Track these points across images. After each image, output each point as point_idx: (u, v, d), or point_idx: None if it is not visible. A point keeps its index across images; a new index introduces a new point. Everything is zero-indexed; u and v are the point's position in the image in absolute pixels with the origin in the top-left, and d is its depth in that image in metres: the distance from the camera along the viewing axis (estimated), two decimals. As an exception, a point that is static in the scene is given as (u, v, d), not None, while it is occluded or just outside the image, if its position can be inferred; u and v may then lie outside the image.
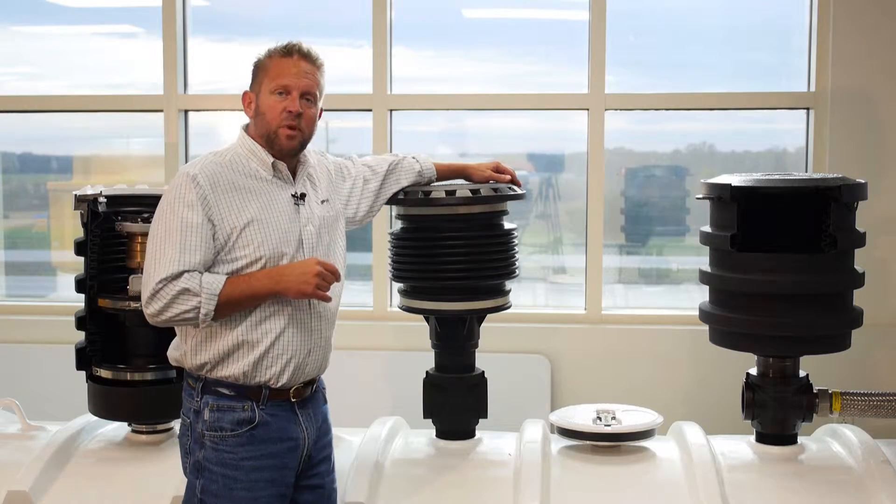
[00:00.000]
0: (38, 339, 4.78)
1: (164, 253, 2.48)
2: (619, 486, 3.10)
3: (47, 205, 5.40)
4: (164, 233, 2.51)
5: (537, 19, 4.99)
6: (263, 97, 2.63)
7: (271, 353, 2.59)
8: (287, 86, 2.61)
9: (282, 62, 2.62)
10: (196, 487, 2.59)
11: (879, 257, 3.90)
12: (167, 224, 2.52)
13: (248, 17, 5.13)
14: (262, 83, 2.64)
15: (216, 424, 2.57)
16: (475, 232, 3.16)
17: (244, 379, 2.58)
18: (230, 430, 2.56)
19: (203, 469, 2.58)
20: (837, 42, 4.46)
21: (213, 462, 2.56)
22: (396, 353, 4.58)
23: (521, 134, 5.14)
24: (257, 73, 2.67)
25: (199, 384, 2.60)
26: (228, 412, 2.57)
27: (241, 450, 2.56)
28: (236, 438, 2.56)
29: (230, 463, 2.55)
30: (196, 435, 2.59)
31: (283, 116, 2.61)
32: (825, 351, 3.24)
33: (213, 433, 2.57)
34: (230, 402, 2.57)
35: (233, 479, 2.56)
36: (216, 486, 2.56)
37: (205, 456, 2.57)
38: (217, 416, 2.57)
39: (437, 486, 3.10)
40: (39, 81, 5.30)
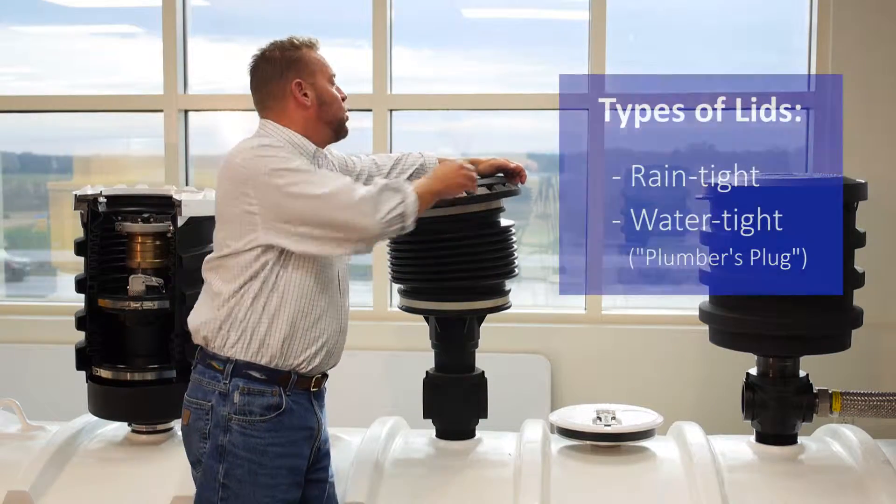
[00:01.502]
0: (38, 339, 4.78)
1: (325, 180, 2.55)
2: (619, 486, 3.10)
3: (47, 205, 5.40)
4: (304, 176, 2.54)
5: (537, 19, 4.99)
6: (323, 87, 2.73)
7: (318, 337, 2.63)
8: (335, 76, 2.78)
9: (318, 55, 2.76)
10: (218, 472, 2.56)
11: (879, 257, 3.90)
12: (298, 176, 2.53)
13: (248, 17, 5.13)
14: (314, 73, 2.72)
15: (246, 408, 2.55)
16: (472, 231, 3.16)
17: (277, 361, 2.58)
18: (259, 414, 2.56)
19: (227, 453, 2.56)
20: (837, 42, 4.46)
21: (240, 447, 2.55)
22: (396, 353, 4.58)
23: (521, 134, 5.14)
24: (300, 63, 2.71)
25: (229, 366, 2.58)
26: (258, 396, 2.56)
27: (267, 435, 2.56)
28: (265, 423, 2.56)
29: (257, 448, 2.55)
30: (219, 418, 2.56)
31: (343, 105, 2.78)
32: (825, 351, 3.24)
33: (241, 417, 2.55)
34: (261, 387, 2.57)
35: (258, 465, 2.56)
36: (241, 470, 2.55)
37: (230, 440, 2.55)
38: (247, 400, 2.56)
39: (437, 486, 3.10)
40: (39, 81, 5.30)
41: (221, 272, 2.60)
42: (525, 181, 3.12)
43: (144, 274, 3.30)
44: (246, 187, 2.53)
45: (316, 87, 2.72)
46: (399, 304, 3.37)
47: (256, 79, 2.74)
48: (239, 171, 2.55)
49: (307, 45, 2.74)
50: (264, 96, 2.73)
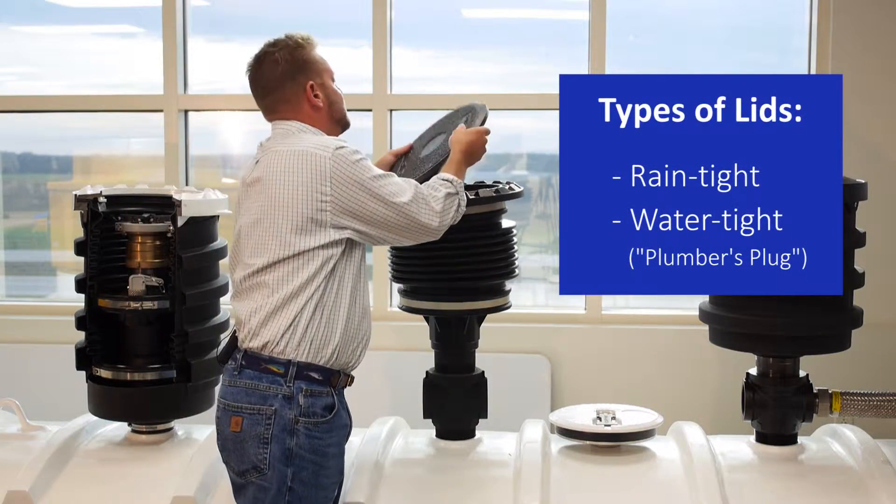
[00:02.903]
0: (38, 339, 4.78)
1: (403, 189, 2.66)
2: (619, 486, 3.10)
3: (47, 205, 5.40)
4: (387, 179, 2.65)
5: (537, 19, 4.99)
6: (329, 87, 2.78)
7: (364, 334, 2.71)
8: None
9: (320, 54, 2.80)
10: (287, 476, 2.54)
11: (879, 257, 3.90)
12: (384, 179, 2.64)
13: (248, 17, 5.13)
14: (321, 73, 2.77)
15: (310, 410, 2.56)
16: (474, 232, 3.16)
17: (334, 361, 2.62)
18: (321, 415, 2.58)
19: (295, 456, 2.54)
20: (837, 42, 4.46)
21: (306, 449, 2.55)
22: (396, 353, 4.59)
23: (521, 134, 5.14)
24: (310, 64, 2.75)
25: (292, 369, 2.57)
26: (319, 397, 2.59)
27: (326, 436, 2.59)
28: (326, 424, 2.59)
29: (320, 450, 2.58)
30: (285, 422, 2.54)
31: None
32: (825, 351, 3.24)
33: (307, 419, 2.56)
34: (319, 388, 2.59)
35: (320, 466, 2.58)
36: (306, 473, 2.56)
37: (298, 443, 2.54)
38: (311, 402, 2.57)
39: (437, 486, 3.10)
40: (39, 81, 5.30)
41: (280, 273, 2.58)
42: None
43: (144, 274, 3.30)
44: (324, 182, 2.56)
45: (325, 87, 2.77)
46: (399, 304, 3.37)
47: (264, 80, 2.73)
48: (321, 165, 2.57)
49: (310, 44, 2.77)
50: (276, 100, 2.72)
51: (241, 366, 2.60)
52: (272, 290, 2.58)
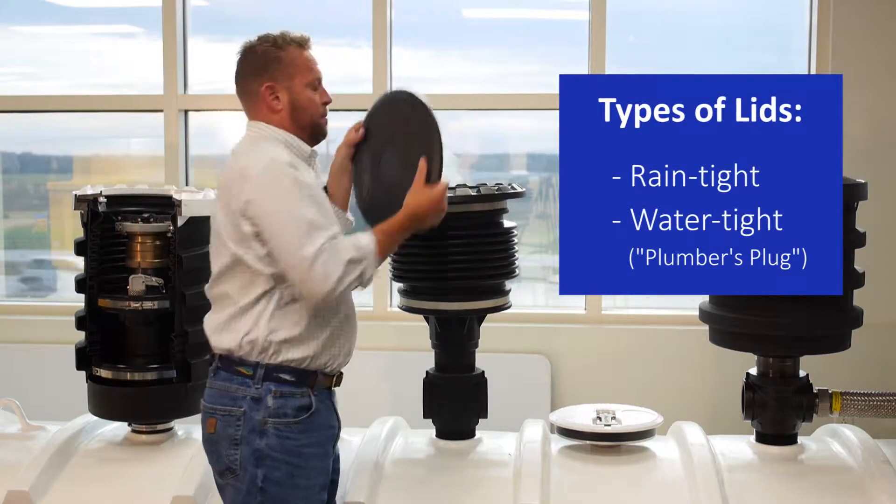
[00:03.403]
0: (38, 339, 4.78)
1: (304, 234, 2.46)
2: (619, 486, 3.10)
3: (47, 205, 5.40)
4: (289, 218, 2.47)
5: (537, 19, 4.99)
6: (300, 91, 2.66)
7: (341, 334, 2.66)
8: (320, 78, 2.71)
9: (304, 55, 2.69)
10: (257, 477, 2.54)
11: (879, 257, 3.90)
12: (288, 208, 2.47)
13: (248, 17, 5.13)
14: (292, 76, 2.65)
15: (280, 411, 2.54)
16: (475, 231, 3.16)
17: (308, 363, 2.58)
18: (293, 416, 2.55)
19: (265, 457, 2.54)
20: (837, 42, 4.46)
21: (278, 450, 2.54)
22: (396, 353, 4.58)
23: (521, 134, 5.14)
24: (278, 64, 2.65)
25: (260, 371, 2.56)
26: (290, 398, 2.56)
27: (302, 437, 2.56)
28: (298, 425, 2.56)
29: (294, 450, 2.55)
30: (254, 423, 2.54)
31: (322, 108, 2.72)
32: (825, 351, 3.24)
33: (276, 420, 2.54)
34: (291, 389, 2.56)
35: (296, 467, 2.56)
36: (279, 473, 2.54)
37: (268, 444, 2.54)
38: (281, 403, 2.55)
39: (437, 486, 3.10)
40: (39, 81, 5.30)
41: (239, 281, 2.56)
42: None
43: (144, 274, 3.30)
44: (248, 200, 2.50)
45: (291, 90, 2.65)
46: (399, 303, 3.37)
47: (236, 74, 2.71)
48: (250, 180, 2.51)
49: (296, 44, 2.67)
50: (240, 95, 2.71)
51: (216, 368, 2.63)
52: (234, 298, 2.57)
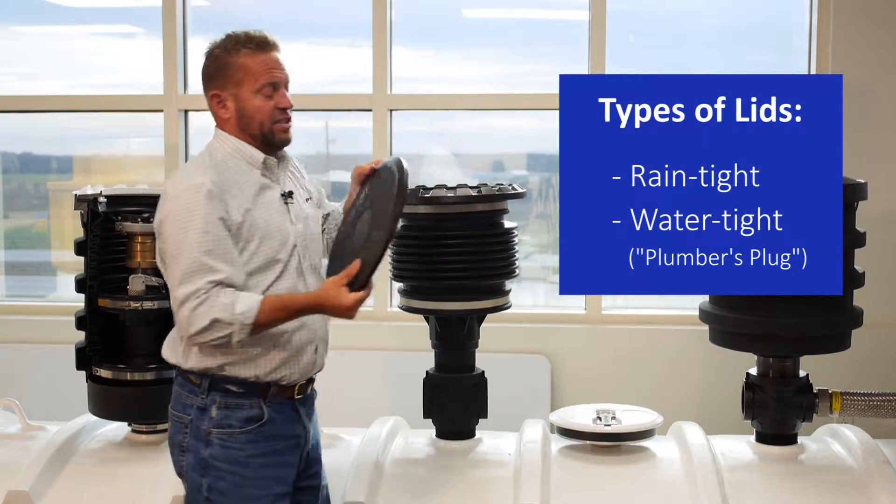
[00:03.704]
0: (38, 339, 4.78)
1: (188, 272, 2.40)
2: (619, 486, 3.10)
3: (47, 205, 5.40)
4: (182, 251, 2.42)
5: (537, 19, 4.99)
6: (246, 98, 2.55)
7: (286, 351, 2.56)
8: (276, 82, 2.56)
9: (263, 58, 2.55)
10: (202, 486, 2.55)
11: (879, 257, 3.90)
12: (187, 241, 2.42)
13: (248, 17, 5.13)
14: (240, 83, 2.54)
15: (224, 422, 2.52)
16: (476, 231, 3.16)
17: (257, 379, 2.54)
18: (238, 427, 2.53)
19: (210, 467, 2.53)
20: (837, 42, 4.46)
21: (221, 459, 2.52)
22: (396, 353, 4.58)
23: (521, 134, 5.14)
24: (227, 70, 2.55)
25: (206, 381, 2.55)
26: (236, 409, 2.53)
27: (248, 447, 2.53)
28: (245, 435, 2.53)
29: (238, 460, 2.53)
30: (200, 433, 2.54)
31: (275, 114, 2.56)
32: (825, 351, 3.24)
33: (220, 430, 2.52)
34: (238, 400, 2.54)
35: (241, 477, 2.53)
36: (224, 483, 2.53)
37: (211, 454, 2.53)
38: (225, 414, 2.53)
39: (437, 486, 3.10)
40: (39, 81, 5.30)
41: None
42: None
43: (144, 274, 3.30)
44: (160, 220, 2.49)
45: (238, 98, 2.55)
46: (399, 303, 3.37)
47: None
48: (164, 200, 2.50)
49: (251, 47, 2.55)
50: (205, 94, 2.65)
51: (175, 371, 2.63)
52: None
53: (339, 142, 5.22)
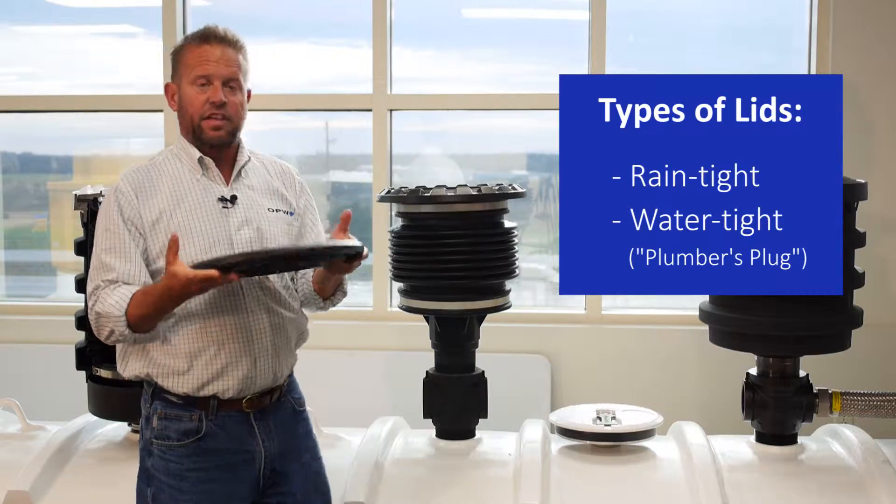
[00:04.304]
0: (38, 339, 4.78)
1: (92, 272, 2.43)
2: (619, 486, 3.10)
3: (47, 205, 5.40)
4: (96, 244, 2.45)
5: (537, 19, 4.99)
6: (185, 90, 2.50)
7: (213, 367, 2.45)
8: (209, 75, 2.47)
9: (200, 50, 2.49)
10: (147, 495, 2.50)
11: (879, 257, 3.90)
12: (96, 241, 2.45)
13: (248, 17, 5.13)
14: (182, 76, 2.50)
15: (163, 433, 2.46)
16: (476, 230, 3.16)
17: (193, 393, 2.46)
18: (176, 439, 2.45)
19: (152, 477, 2.48)
20: (837, 42, 4.46)
21: (161, 471, 2.46)
22: (396, 353, 4.58)
23: (521, 134, 5.14)
24: (177, 64, 2.52)
25: (150, 389, 2.50)
26: (175, 421, 2.46)
27: (186, 461, 2.44)
28: (182, 449, 2.45)
29: (176, 473, 2.44)
30: (144, 442, 2.51)
31: (205, 108, 2.48)
32: (825, 351, 3.25)
33: (160, 442, 2.46)
34: (178, 411, 2.46)
35: (178, 490, 2.44)
36: (164, 496, 2.46)
37: (153, 464, 2.47)
38: (164, 425, 2.46)
39: (437, 486, 3.10)
40: (39, 81, 5.30)
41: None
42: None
43: (144, 274, 3.30)
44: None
45: (180, 89, 2.51)
46: (399, 303, 3.37)
47: None
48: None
49: (198, 40, 2.51)
50: None
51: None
52: None
53: (339, 142, 5.22)
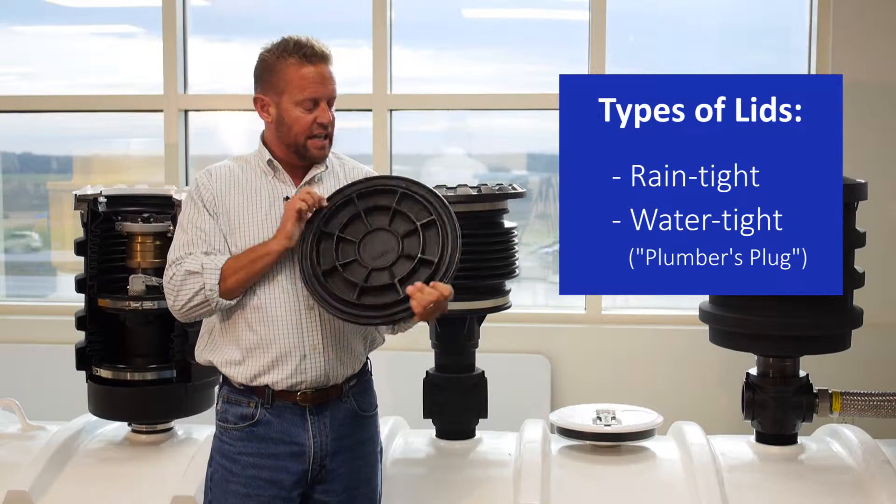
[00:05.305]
0: (38, 339, 4.78)
1: (173, 247, 2.56)
2: (619, 486, 3.10)
3: (47, 205, 5.40)
4: (177, 230, 2.59)
5: (537, 19, 4.99)
6: (287, 108, 2.53)
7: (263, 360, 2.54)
8: (317, 98, 2.53)
9: (304, 71, 2.51)
10: (209, 473, 2.64)
11: (879, 257, 3.90)
12: (180, 221, 2.59)
13: (248, 17, 5.14)
14: (282, 92, 2.52)
15: (224, 416, 2.60)
16: (476, 231, 3.16)
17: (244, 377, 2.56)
18: (233, 423, 2.58)
19: (212, 457, 2.63)
20: (837, 42, 4.46)
21: (218, 452, 2.61)
22: (396, 353, 4.58)
23: (521, 134, 5.15)
24: (271, 76, 2.54)
25: (221, 375, 2.65)
26: (235, 405, 2.58)
27: (239, 444, 2.56)
28: (237, 432, 2.57)
29: (229, 455, 2.57)
30: (215, 424, 2.65)
31: (313, 129, 2.55)
32: (825, 351, 3.24)
33: (221, 424, 2.61)
34: (239, 396, 2.58)
35: (229, 472, 2.57)
36: (217, 475, 2.60)
37: (215, 445, 2.63)
38: (226, 408, 2.60)
39: (437, 486, 3.10)
40: (39, 81, 5.30)
41: None
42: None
43: (144, 274, 3.30)
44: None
45: (279, 106, 2.53)
46: (399, 304, 3.36)
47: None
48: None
49: (299, 59, 2.51)
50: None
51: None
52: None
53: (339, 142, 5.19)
